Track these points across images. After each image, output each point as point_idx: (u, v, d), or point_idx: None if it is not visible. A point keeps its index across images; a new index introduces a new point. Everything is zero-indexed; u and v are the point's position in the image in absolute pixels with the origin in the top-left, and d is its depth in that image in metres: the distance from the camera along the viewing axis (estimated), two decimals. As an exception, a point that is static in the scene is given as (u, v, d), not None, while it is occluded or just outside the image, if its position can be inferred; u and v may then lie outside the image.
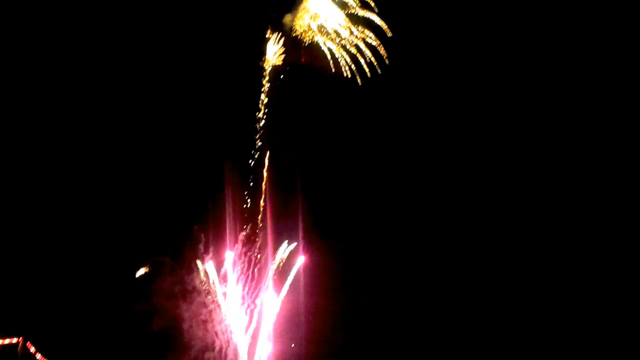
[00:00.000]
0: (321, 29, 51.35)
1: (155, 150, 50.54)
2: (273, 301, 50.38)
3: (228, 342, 48.60)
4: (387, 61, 50.27)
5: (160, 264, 48.87)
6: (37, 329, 47.52)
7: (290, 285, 50.78)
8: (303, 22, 51.78)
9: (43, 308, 47.58)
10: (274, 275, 50.45)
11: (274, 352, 50.48)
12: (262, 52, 52.25)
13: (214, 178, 50.36)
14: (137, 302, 47.83)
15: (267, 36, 52.24)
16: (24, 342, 47.27)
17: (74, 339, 47.92)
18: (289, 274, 50.52)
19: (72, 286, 48.27)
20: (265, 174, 51.00)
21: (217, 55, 51.71)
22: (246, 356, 49.11)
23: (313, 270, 51.79)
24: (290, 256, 51.07)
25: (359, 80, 50.53)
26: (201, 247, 49.13)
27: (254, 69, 52.12)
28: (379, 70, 50.37)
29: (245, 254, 49.80)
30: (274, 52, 52.80)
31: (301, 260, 51.07)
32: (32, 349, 47.53)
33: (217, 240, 49.55)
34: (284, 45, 52.46)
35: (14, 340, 46.98)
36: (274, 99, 52.27)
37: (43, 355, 47.83)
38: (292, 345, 52.97)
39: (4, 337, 46.62)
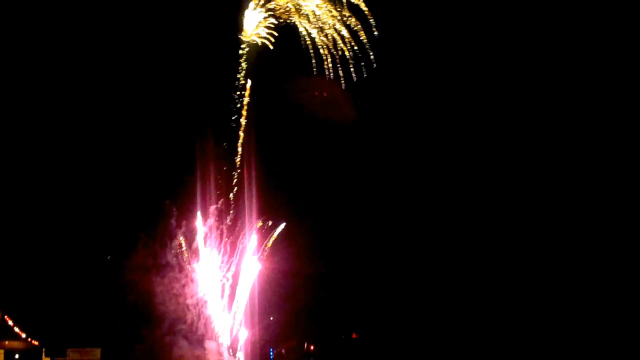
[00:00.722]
0: (299, 9, 50.30)
1: (130, 127, 50.56)
2: (250, 274, 50.72)
3: (199, 315, 49.07)
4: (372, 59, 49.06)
5: (134, 239, 49.38)
6: (14, 303, 48.71)
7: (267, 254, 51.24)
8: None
9: (19, 283, 48.54)
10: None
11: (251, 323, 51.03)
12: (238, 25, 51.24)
13: (187, 154, 50.29)
14: (111, 276, 48.56)
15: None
16: (2, 315, 48.72)
17: (50, 312, 48.87)
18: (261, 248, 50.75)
19: (47, 261, 49.08)
20: (239, 150, 50.77)
21: (193, 26, 50.76)
22: (218, 328, 49.64)
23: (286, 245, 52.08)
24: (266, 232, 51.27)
25: (342, 83, 49.58)
26: (173, 222, 49.50)
27: (232, 42, 51.32)
28: (364, 70, 49.34)
29: (218, 227, 49.93)
30: (252, 26, 51.93)
31: (281, 226, 51.30)
32: (10, 322, 48.97)
33: (189, 215, 49.78)
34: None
35: (-9, 314, 48.57)
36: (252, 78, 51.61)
37: (20, 328, 49.20)
38: (271, 318, 53.51)
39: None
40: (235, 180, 50.30)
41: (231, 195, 50.13)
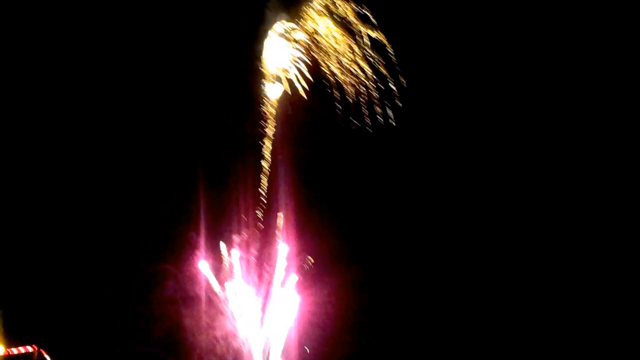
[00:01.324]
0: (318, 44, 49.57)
1: (155, 155, 51.03)
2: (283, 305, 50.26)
3: (229, 347, 48.86)
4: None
5: (162, 271, 49.70)
6: (49, 337, 49.66)
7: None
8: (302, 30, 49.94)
9: (53, 317, 49.54)
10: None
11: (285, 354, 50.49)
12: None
13: (211, 184, 50.41)
14: (139, 309, 48.99)
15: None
16: (38, 349, 49.72)
17: (83, 345, 49.64)
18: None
19: (79, 295, 49.93)
20: (263, 178, 50.52)
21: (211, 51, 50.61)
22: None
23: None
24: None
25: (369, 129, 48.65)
26: (199, 253, 49.56)
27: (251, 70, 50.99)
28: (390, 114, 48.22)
29: (245, 258, 49.69)
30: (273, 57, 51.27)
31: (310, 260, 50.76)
32: (47, 357, 49.88)
33: (215, 246, 49.75)
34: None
35: (29, 349, 49.54)
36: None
37: (57, 362, 50.12)
38: (306, 348, 52.60)
39: (18, 346, 49.27)
40: (262, 212, 50.22)
41: (258, 222, 50.09)
